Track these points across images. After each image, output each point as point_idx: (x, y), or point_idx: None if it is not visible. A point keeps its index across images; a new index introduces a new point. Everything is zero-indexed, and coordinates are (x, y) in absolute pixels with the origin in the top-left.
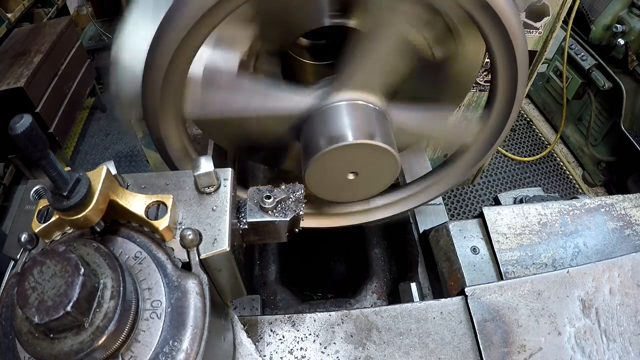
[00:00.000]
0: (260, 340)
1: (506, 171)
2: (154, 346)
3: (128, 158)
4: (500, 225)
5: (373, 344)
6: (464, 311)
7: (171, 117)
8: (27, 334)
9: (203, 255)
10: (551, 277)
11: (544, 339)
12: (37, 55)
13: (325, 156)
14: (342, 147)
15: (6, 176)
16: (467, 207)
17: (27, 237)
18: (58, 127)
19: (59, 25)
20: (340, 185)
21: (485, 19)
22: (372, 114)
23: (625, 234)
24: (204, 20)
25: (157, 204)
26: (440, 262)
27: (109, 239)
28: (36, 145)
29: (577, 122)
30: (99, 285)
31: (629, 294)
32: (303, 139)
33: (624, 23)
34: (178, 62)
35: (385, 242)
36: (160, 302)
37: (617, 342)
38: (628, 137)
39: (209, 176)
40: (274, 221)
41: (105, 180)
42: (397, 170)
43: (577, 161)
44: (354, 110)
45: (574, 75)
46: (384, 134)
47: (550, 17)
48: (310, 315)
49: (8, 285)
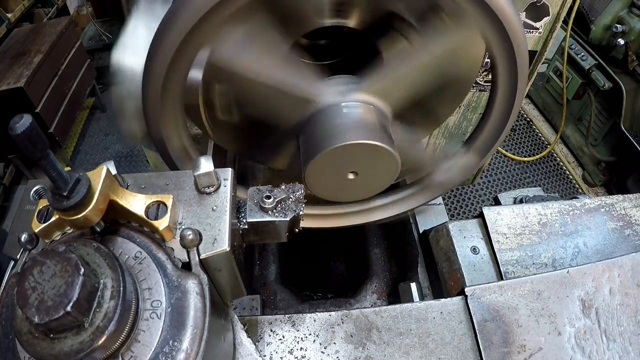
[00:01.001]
0: (260, 340)
1: (506, 171)
2: (154, 346)
3: (128, 158)
4: (500, 225)
5: (373, 344)
6: (464, 311)
7: (171, 117)
8: (27, 334)
9: (203, 255)
10: (551, 277)
11: (544, 339)
12: (37, 55)
13: (326, 155)
14: (343, 147)
15: (6, 176)
16: (467, 207)
17: (27, 237)
18: (58, 127)
19: (59, 25)
20: (340, 185)
21: (486, 19)
22: (376, 115)
23: (625, 234)
24: (202, 22)
25: (157, 204)
26: (440, 262)
27: (109, 239)
28: (36, 145)
29: (577, 122)
30: (99, 285)
31: (629, 294)
32: (304, 137)
33: (624, 23)
34: (177, 65)
35: (385, 242)
36: (160, 302)
37: (617, 342)
38: (628, 137)
39: (209, 176)
40: (274, 221)
41: (105, 180)
42: (397, 170)
43: (577, 161)
44: (361, 111)
45: (574, 75)
46: (385, 134)
47: (551, 17)
48: (310, 315)
49: (8, 285)
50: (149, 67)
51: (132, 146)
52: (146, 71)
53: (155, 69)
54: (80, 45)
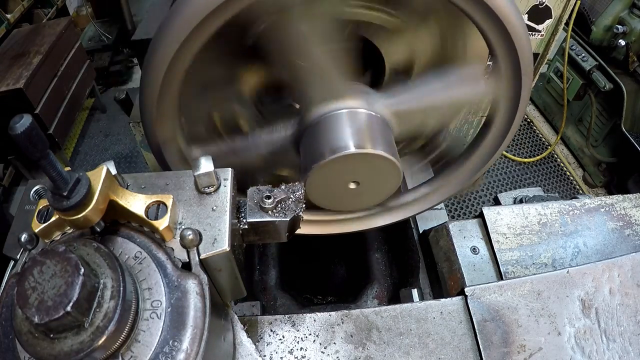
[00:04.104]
0: (260, 340)
1: (506, 172)
2: (154, 346)
3: (127, 159)
4: (500, 225)
5: (373, 344)
6: (464, 311)
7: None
8: (27, 334)
9: (203, 255)
10: (551, 277)
11: (544, 339)
12: (37, 56)
13: (326, 165)
14: (344, 157)
15: (5, 177)
16: (467, 207)
17: (27, 237)
18: (57, 128)
19: (58, 25)
20: (342, 195)
21: (490, 24)
22: (374, 122)
23: (625, 234)
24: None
25: (157, 204)
26: (440, 262)
27: (109, 239)
28: (36, 145)
29: (578, 123)
30: (99, 285)
31: (628, 294)
32: (303, 148)
33: (625, 24)
34: (171, 77)
35: (386, 247)
36: (160, 302)
37: (617, 342)
38: (629, 138)
39: (209, 176)
40: (274, 221)
41: (105, 180)
42: (399, 179)
43: (577, 162)
44: (362, 119)
45: (575, 76)
46: (386, 142)
47: (553, 20)
48: (310, 315)
49: (8, 285)
50: (147, 71)
51: (131, 147)
52: (145, 75)
53: (150, 84)
54: (79, 46)
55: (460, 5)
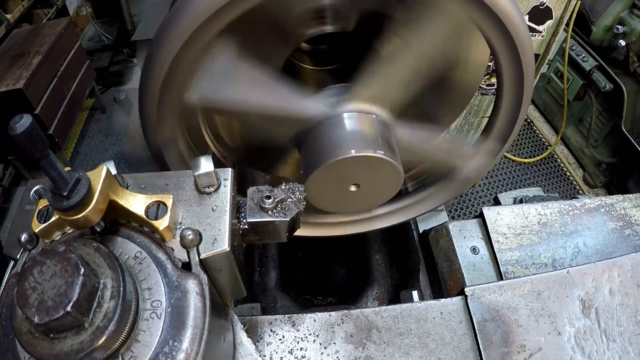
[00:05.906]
0: (260, 340)
1: (506, 172)
2: (154, 346)
3: (127, 159)
4: (500, 225)
5: (373, 344)
6: (464, 311)
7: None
8: (27, 334)
9: (203, 255)
10: (551, 277)
11: (544, 339)
12: (37, 56)
13: (327, 168)
14: (344, 160)
15: (5, 177)
16: (467, 207)
17: (27, 237)
18: (57, 129)
19: (58, 26)
20: (342, 197)
21: (492, 25)
22: (376, 125)
23: (625, 234)
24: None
25: (157, 204)
26: (440, 262)
27: (109, 239)
28: (36, 145)
29: (578, 123)
30: (99, 285)
31: (628, 294)
32: (304, 150)
33: (625, 24)
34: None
35: (386, 249)
36: (160, 302)
37: (617, 342)
38: (629, 139)
39: (209, 176)
40: (274, 221)
41: (105, 180)
42: (400, 182)
43: (577, 162)
44: (359, 121)
45: (575, 76)
46: (387, 146)
47: (553, 20)
48: (310, 315)
49: (8, 285)
50: (144, 83)
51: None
52: (144, 79)
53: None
54: (79, 46)
55: (463, 7)
